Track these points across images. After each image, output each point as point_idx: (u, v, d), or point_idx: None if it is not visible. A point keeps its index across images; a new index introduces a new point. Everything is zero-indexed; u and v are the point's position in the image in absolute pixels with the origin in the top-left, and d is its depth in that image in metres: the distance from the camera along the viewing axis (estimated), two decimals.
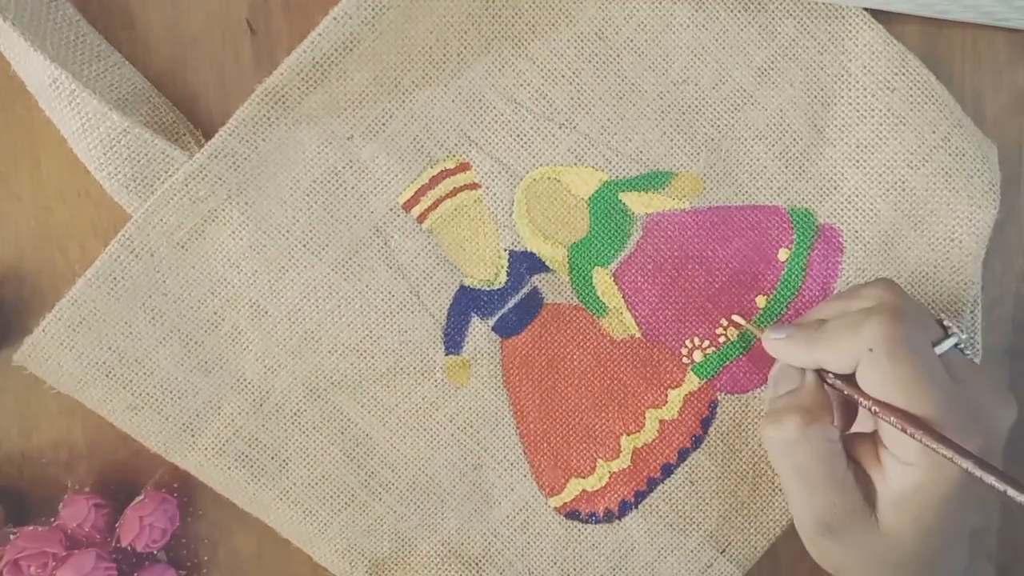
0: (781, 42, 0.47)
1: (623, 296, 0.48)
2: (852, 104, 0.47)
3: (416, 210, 0.47)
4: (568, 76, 0.47)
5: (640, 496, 0.49)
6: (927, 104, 0.47)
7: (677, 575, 0.50)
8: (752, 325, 0.48)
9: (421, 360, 0.48)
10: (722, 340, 0.49)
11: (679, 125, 0.47)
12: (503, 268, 0.48)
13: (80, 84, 0.43)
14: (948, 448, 0.37)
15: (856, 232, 0.48)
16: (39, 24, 0.45)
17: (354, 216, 0.47)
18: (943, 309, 0.48)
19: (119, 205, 0.46)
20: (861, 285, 0.44)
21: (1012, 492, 0.36)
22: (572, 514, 0.49)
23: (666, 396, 0.49)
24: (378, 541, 0.49)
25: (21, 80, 0.46)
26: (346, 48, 0.45)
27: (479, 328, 0.48)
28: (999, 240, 0.49)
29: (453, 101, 0.47)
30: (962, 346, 0.43)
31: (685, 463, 0.49)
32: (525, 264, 0.48)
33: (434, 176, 0.47)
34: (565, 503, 0.49)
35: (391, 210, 0.47)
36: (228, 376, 0.47)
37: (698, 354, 0.49)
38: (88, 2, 0.47)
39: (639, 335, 0.49)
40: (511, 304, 0.48)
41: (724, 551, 0.50)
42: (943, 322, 0.43)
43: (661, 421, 0.49)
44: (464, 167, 0.47)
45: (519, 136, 0.47)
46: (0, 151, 0.49)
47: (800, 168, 0.48)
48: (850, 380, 0.41)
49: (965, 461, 0.37)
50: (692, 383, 0.49)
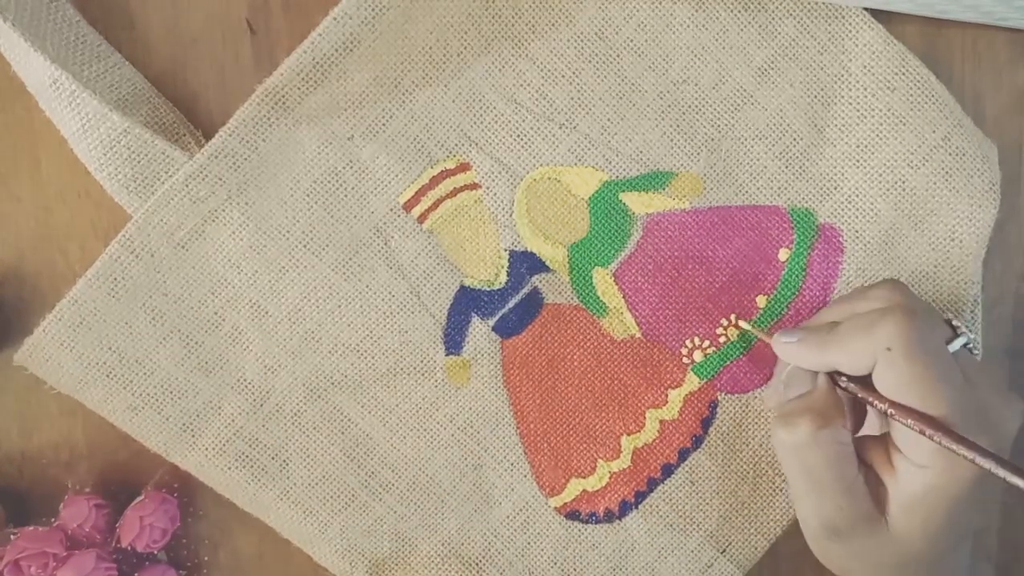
0: (781, 42, 0.47)
1: (623, 296, 0.48)
2: (852, 104, 0.47)
3: (416, 210, 0.47)
4: (568, 76, 0.47)
5: (640, 496, 0.49)
6: (927, 104, 0.47)
7: (677, 575, 0.50)
8: (760, 331, 0.47)
9: (421, 360, 0.48)
10: (722, 340, 0.49)
11: (679, 125, 0.47)
12: (503, 268, 0.48)
13: (80, 85, 0.43)
14: (968, 448, 0.37)
15: (856, 232, 0.48)
16: (39, 24, 0.45)
17: (354, 216, 0.47)
18: (944, 308, 0.48)
19: (119, 206, 0.46)
20: (867, 287, 0.44)
21: None
22: (572, 514, 0.49)
23: (666, 396, 0.49)
24: (378, 541, 0.49)
25: (21, 80, 0.46)
26: (346, 48, 0.45)
27: (479, 328, 0.48)
28: (999, 240, 0.49)
29: (453, 101, 0.47)
30: (971, 346, 0.43)
31: (685, 463, 0.49)
32: (525, 264, 0.48)
33: (434, 176, 0.47)
34: (565, 503, 0.49)
35: (391, 210, 0.47)
36: (228, 376, 0.47)
37: (698, 354, 0.49)
38: (88, 2, 0.47)
39: (639, 335, 0.49)
40: (511, 304, 0.48)
41: (724, 551, 0.50)
42: (951, 322, 0.43)
43: (661, 421, 0.49)
44: (464, 167, 0.47)
45: (519, 136, 0.47)
46: (0, 151, 0.49)
47: (800, 168, 0.48)
48: (863, 382, 0.41)
49: (986, 461, 0.37)
50: (692, 383, 0.49)
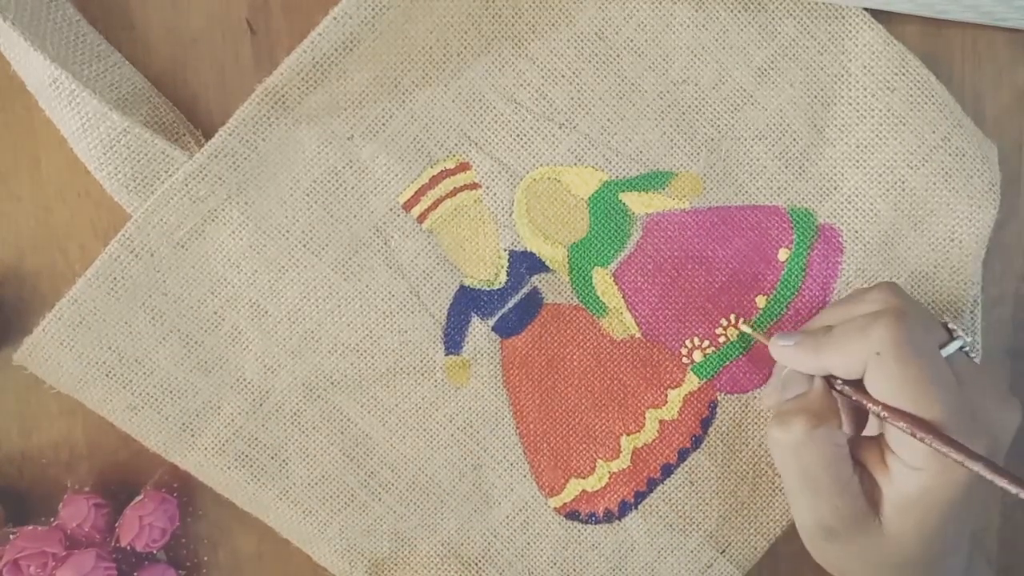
0: (781, 42, 0.47)
1: (623, 296, 0.48)
2: (852, 104, 0.47)
3: (416, 210, 0.47)
4: (568, 76, 0.47)
5: (640, 496, 0.49)
6: (927, 104, 0.47)
7: (677, 575, 0.50)
8: (759, 333, 0.48)
9: (421, 360, 0.48)
10: (722, 340, 0.49)
11: (679, 125, 0.47)
12: (503, 268, 0.48)
13: (80, 84, 0.43)
14: (958, 452, 0.37)
15: (856, 232, 0.48)
16: (39, 24, 0.45)
17: (354, 216, 0.47)
18: (943, 309, 0.48)
19: (119, 205, 0.46)
20: (864, 289, 0.44)
21: None
22: (572, 514, 0.49)
23: (666, 396, 0.49)
24: (378, 541, 0.49)
25: (21, 80, 0.46)
26: (346, 48, 0.45)
27: (479, 328, 0.48)
28: (999, 240, 0.49)
29: (453, 101, 0.47)
30: (967, 349, 0.43)
31: (685, 463, 0.49)
32: (525, 264, 0.48)
33: (434, 176, 0.47)
34: (565, 503, 0.49)
35: (391, 210, 0.47)
36: (228, 376, 0.47)
37: (698, 354, 0.49)
38: (88, 2, 0.47)
39: (639, 335, 0.49)
40: (511, 304, 0.48)
41: (724, 551, 0.50)
42: (947, 325, 0.43)
43: (661, 421, 0.49)
44: (464, 167, 0.47)
45: (519, 136, 0.47)
46: (0, 151, 0.49)
47: (800, 168, 0.48)
48: (858, 386, 0.41)
49: (975, 464, 0.37)
50: (692, 383, 0.49)
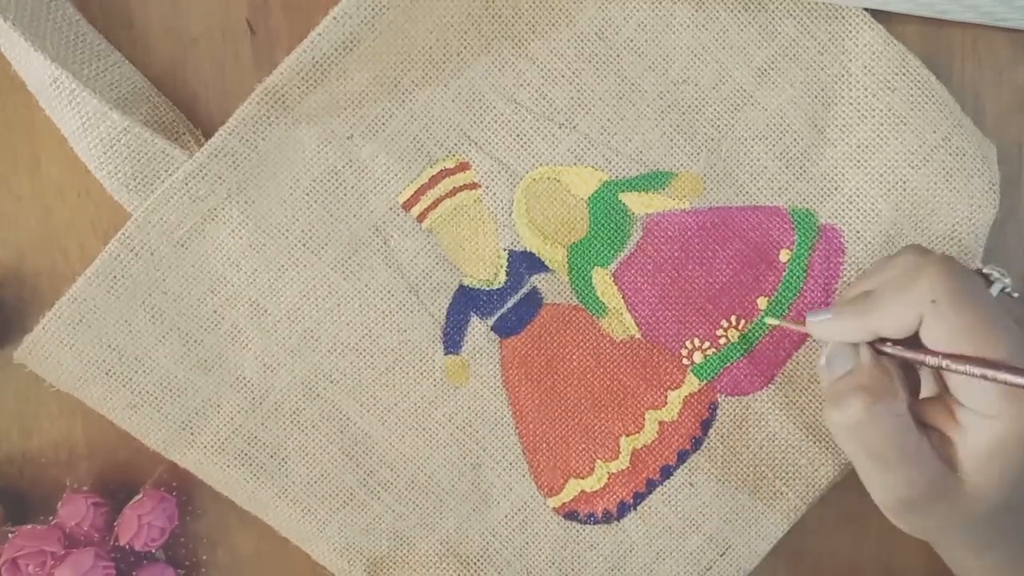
0: (781, 42, 0.47)
1: (623, 296, 0.48)
2: (853, 104, 0.47)
3: (416, 209, 0.47)
4: (568, 76, 0.47)
5: (639, 497, 0.49)
6: (927, 104, 0.47)
7: None
8: (790, 321, 0.47)
9: (420, 359, 0.48)
10: (722, 342, 0.49)
11: (679, 125, 0.47)
12: (502, 268, 0.48)
13: (80, 83, 0.43)
14: None
15: (857, 232, 0.48)
16: (39, 24, 0.45)
17: (354, 215, 0.47)
18: None
19: (119, 205, 0.46)
20: (889, 256, 0.43)
21: None
22: (571, 514, 0.49)
23: (666, 397, 0.49)
24: (376, 540, 0.49)
25: (21, 80, 0.46)
26: (346, 48, 0.45)
27: (478, 328, 0.48)
28: (999, 240, 0.49)
29: (453, 101, 0.47)
30: (1008, 290, 0.42)
31: (684, 465, 0.49)
32: (525, 264, 0.48)
33: (434, 176, 0.47)
34: (564, 503, 0.49)
35: (391, 209, 0.47)
36: (227, 374, 0.47)
37: (698, 355, 0.49)
38: (88, 2, 0.47)
39: (639, 336, 0.48)
40: (510, 304, 0.48)
41: (724, 554, 0.50)
42: (982, 271, 0.43)
43: (660, 422, 0.49)
44: (464, 167, 0.47)
45: (519, 136, 0.47)
46: (0, 151, 0.49)
47: (801, 168, 0.48)
48: (907, 343, 0.40)
49: None
50: (692, 384, 0.49)
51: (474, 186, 0.47)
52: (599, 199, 0.48)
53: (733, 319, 0.48)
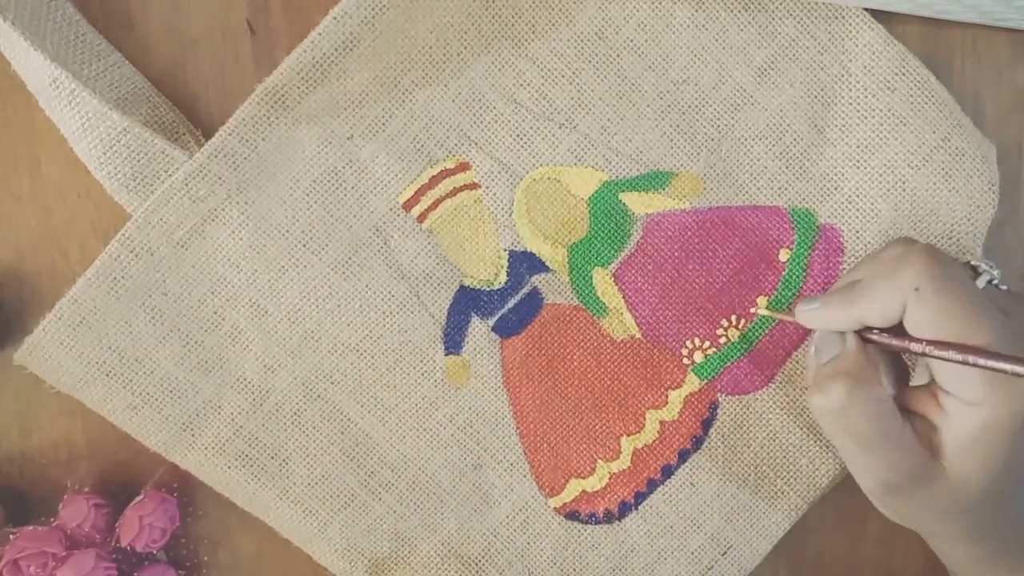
0: (781, 42, 0.47)
1: (623, 296, 0.48)
2: (852, 104, 0.47)
3: (416, 210, 0.47)
4: (568, 76, 0.47)
5: (640, 497, 0.49)
6: (927, 104, 0.47)
7: None
8: (782, 312, 0.47)
9: (421, 360, 0.48)
10: (723, 341, 0.49)
11: (679, 125, 0.47)
12: (503, 268, 0.48)
13: (80, 83, 0.43)
14: (1018, 364, 0.36)
15: (857, 232, 0.48)
16: (39, 24, 0.45)
17: (354, 216, 0.47)
18: None
19: (119, 205, 0.46)
20: (879, 249, 0.43)
21: None
22: (572, 515, 0.49)
23: (666, 397, 0.49)
24: (378, 541, 0.49)
25: (21, 80, 0.46)
26: (346, 48, 0.45)
27: (479, 328, 0.48)
28: (998, 240, 0.49)
29: (453, 101, 0.47)
30: (996, 282, 0.42)
31: (685, 464, 0.49)
32: (525, 264, 0.48)
33: (434, 176, 0.47)
34: (565, 503, 0.49)
35: (391, 210, 0.47)
36: (228, 375, 0.47)
37: (699, 355, 0.49)
38: (88, 2, 0.47)
39: (639, 335, 0.48)
40: (511, 304, 0.48)
41: (726, 553, 0.50)
42: (970, 263, 0.43)
43: (661, 422, 0.49)
44: (464, 167, 0.47)
45: (519, 136, 0.47)
46: (0, 151, 0.49)
47: (801, 168, 0.48)
48: (893, 332, 0.40)
49: None
50: (693, 384, 0.49)
51: (474, 186, 0.47)
52: (599, 199, 0.48)
53: (733, 318, 0.48)
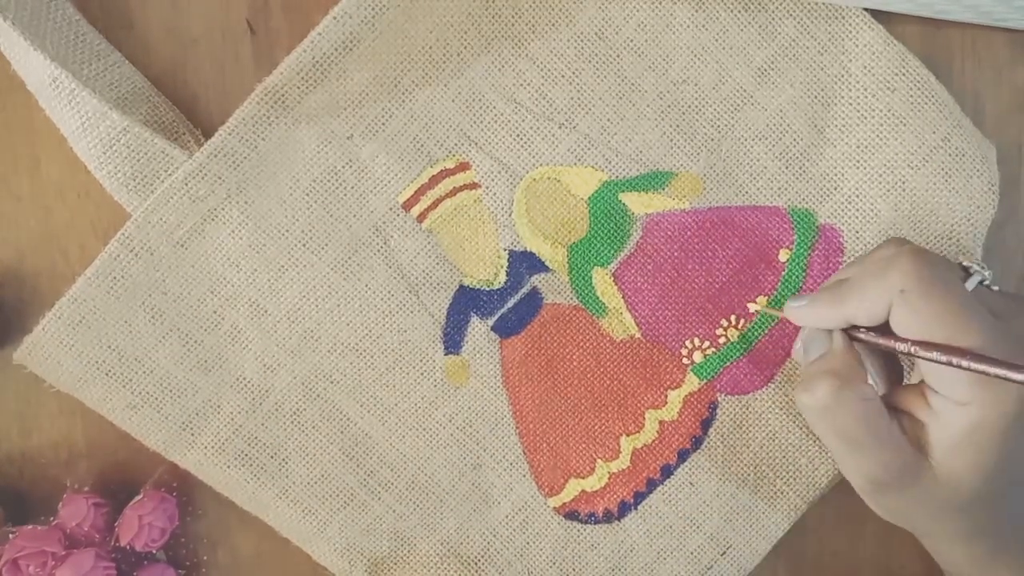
0: (781, 42, 0.47)
1: (623, 296, 0.48)
2: (852, 104, 0.47)
3: (416, 209, 0.47)
4: (568, 76, 0.47)
5: (639, 497, 0.49)
6: (927, 104, 0.47)
7: None
8: (775, 308, 0.47)
9: (420, 360, 0.48)
10: (722, 341, 0.49)
11: (679, 125, 0.47)
12: (503, 268, 0.48)
13: (80, 83, 0.43)
14: (1002, 368, 0.36)
15: (857, 232, 0.48)
16: (39, 23, 0.45)
17: (354, 215, 0.47)
18: None
19: (119, 205, 0.46)
20: (873, 249, 0.43)
21: None
22: (571, 514, 0.49)
23: (666, 397, 0.49)
24: (377, 540, 0.49)
25: (21, 80, 0.46)
26: (346, 48, 0.45)
27: (478, 328, 0.48)
28: (999, 240, 0.49)
29: (453, 101, 0.47)
30: (987, 283, 0.42)
31: (685, 464, 0.49)
32: (525, 264, 0.48)
33: (434, 176, 0.47)
34: (564, 503, 0.49)
35: (391, 209, 0.47)
36: (227, 375, 0.47)
37: (698, 355, 0.49)
38: (88, 2, 0.47)
39: (639, 335, 0.49)
40: (511, 304, 0.48)
41: (725, 553, 0.50)
42: (962, 264, 0.43)
43: (661, 422, 0.49)
44: (464, 167, 0.47)
45: (519, 136, 0.47)
46: (0, 151, 0.49)
47: (800, 168, 0.48)
48: (882, 331, 0.40)
49: (1022, 375, 0.35)
50: (692, 384, 0.49)
51: (474, 186, 0.47)
52: (599, 199, 0.48)
53: (733, 318, 0.48)
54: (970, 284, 0.41)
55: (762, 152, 0.48)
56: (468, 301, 0.48)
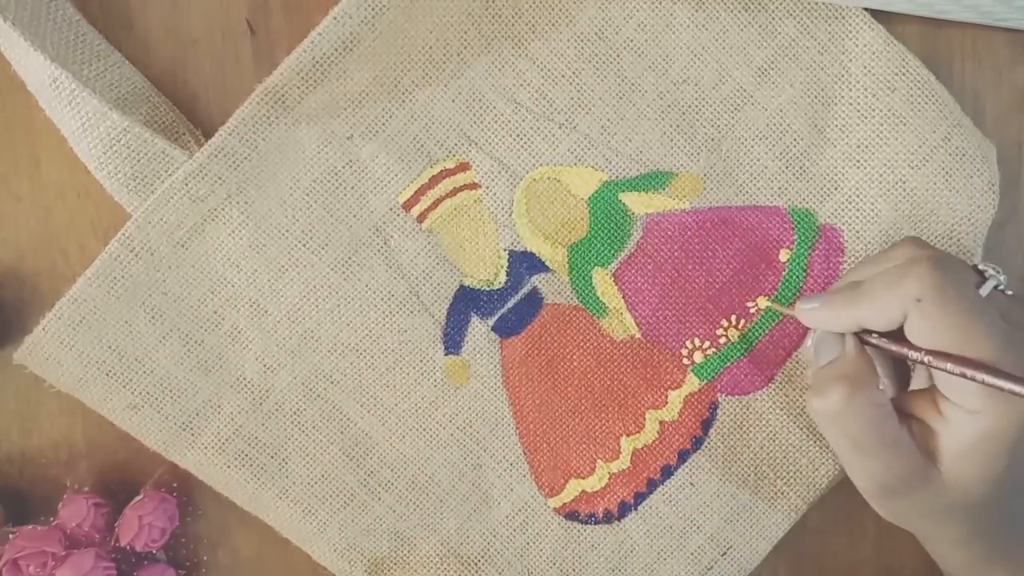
0: (781, 42, 0.47)
1: (623, 296, 0.48)
2: (852, 104, 0.47)
3: (416, 210, 0.47)
4: (568, 76, 0.47)
5: (640, 497, 0.49)
6: (927, 104, 0.47)
7: None
8: (784, 307, 0.47)
9: (421, 360, 0.48)
10: (723, 341, 0.49)
11: (679, 125, 0.47)
12: (503, 268, 0.48)
13: (80, 83, 0.43)
14: (1015, 383, 0.36)
15: (857, 232, 0.48)
16: (39, 24, 0.45)
17: (354, 216, 0.47)
18: None
19: (119, 205, 0.46)
20: (888, 248, 0.43)
21: None
22: (571, 515, 0.49)
23: (666, 397, 0.49)
24: (377, 540, 0.49)
25: (21, 80, 0.46)
26: (346, 48, 0.45)
27: (479, 328, 0.48)
28: (999, 240, 0.49)
29: (453, 101, 0.47)
30: (1002, 288, 0.42)
31: (685, 464, 0.49)
32: (525, 264, 0.48)
33: (434, 176, 0.47)
34: (564, 504, 0.49)
35: (391, 210, 0.47)
36: (228, 375, 0.47)
37: (698, 355, 0.49)
38: (88, 2, 0.47)
39: (639, 336, 0.48)
40: (511, 304, 0.48)
41: (725, 553, 0.50)
42: (977, 267, 0.43)
43: (661, 422, 0.49)
44: (464, 167, 0.47)
45: (519, 136, 0.47)
46: (0, 151, 0.49)
47: (801, 168, 0.48)
48: (894, 336, 0.40)
49: None
50: (692, 384, 0.49)
51: (474, 186, 0.47)
52: (599, 199, 0.48)
53: (733, 318, 0.48)
54: (984, 289, 0.41)
55: (762, 152, 0.48)
56: (468, 301, 0.48)
